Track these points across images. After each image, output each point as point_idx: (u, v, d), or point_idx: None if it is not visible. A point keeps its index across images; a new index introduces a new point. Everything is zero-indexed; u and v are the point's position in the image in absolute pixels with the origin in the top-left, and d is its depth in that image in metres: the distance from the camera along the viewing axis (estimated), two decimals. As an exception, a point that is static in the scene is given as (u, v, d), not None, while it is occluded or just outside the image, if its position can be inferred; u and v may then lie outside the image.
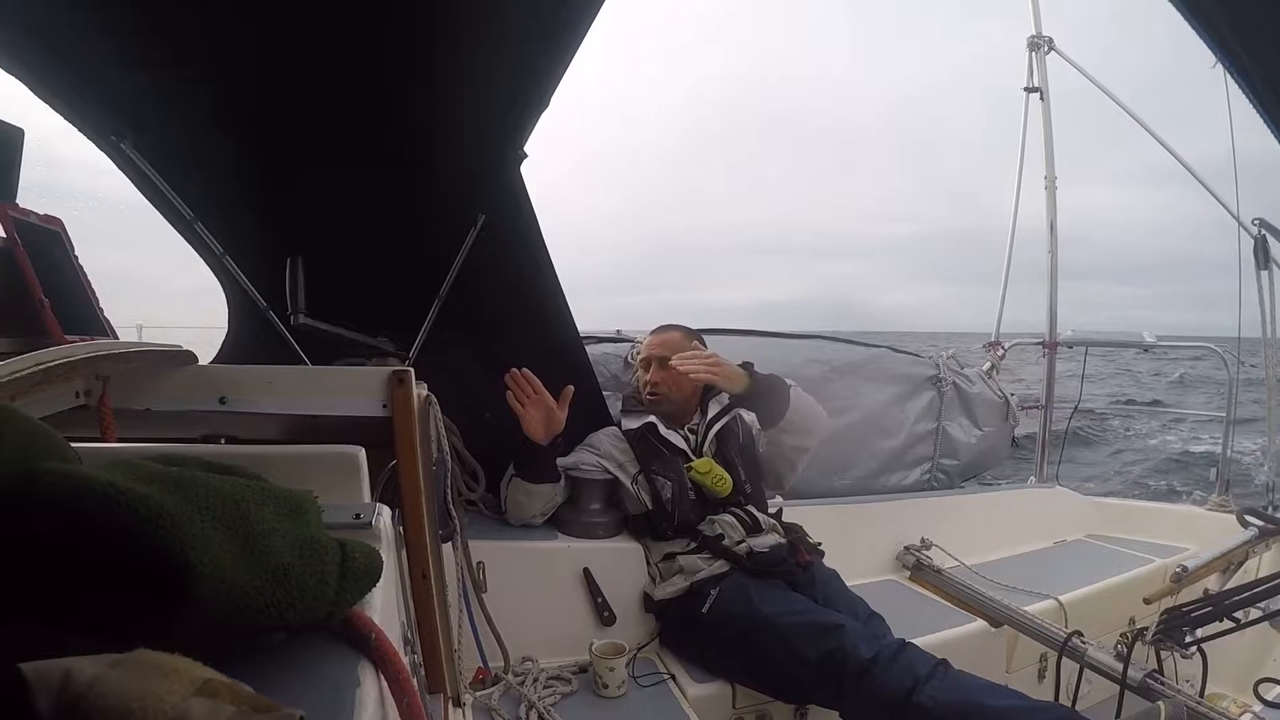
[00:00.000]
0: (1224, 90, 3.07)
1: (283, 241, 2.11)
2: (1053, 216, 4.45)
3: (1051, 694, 2.39)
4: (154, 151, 2.02)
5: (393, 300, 2.47)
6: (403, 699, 0.62)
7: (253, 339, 2.43)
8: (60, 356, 0.87)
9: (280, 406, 1.20)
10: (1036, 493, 4.02)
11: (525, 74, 1.96)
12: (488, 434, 2.53)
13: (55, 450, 0.52)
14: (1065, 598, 2.83)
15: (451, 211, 2.36)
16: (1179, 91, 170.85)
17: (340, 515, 0.77)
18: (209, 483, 0.52)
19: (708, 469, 2.50)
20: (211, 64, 1.86)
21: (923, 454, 3.84)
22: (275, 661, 0.55)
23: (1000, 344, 4.47)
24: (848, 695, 1.96)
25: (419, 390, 1.26)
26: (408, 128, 2.11)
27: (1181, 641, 2.12)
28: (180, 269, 2.85)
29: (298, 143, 2.13)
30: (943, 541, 3.21)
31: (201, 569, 0.44)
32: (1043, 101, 4.50)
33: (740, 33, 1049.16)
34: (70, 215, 1.62)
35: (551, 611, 2.42)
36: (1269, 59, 1.98)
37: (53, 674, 0.33)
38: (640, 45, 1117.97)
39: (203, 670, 0.37)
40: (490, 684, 2.15)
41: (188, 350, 1.20)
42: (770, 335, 3.57)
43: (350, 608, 0.60)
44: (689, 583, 2.37)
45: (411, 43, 1.83)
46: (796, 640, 2.07)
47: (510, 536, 2.50)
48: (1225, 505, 3.66)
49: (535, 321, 2.64)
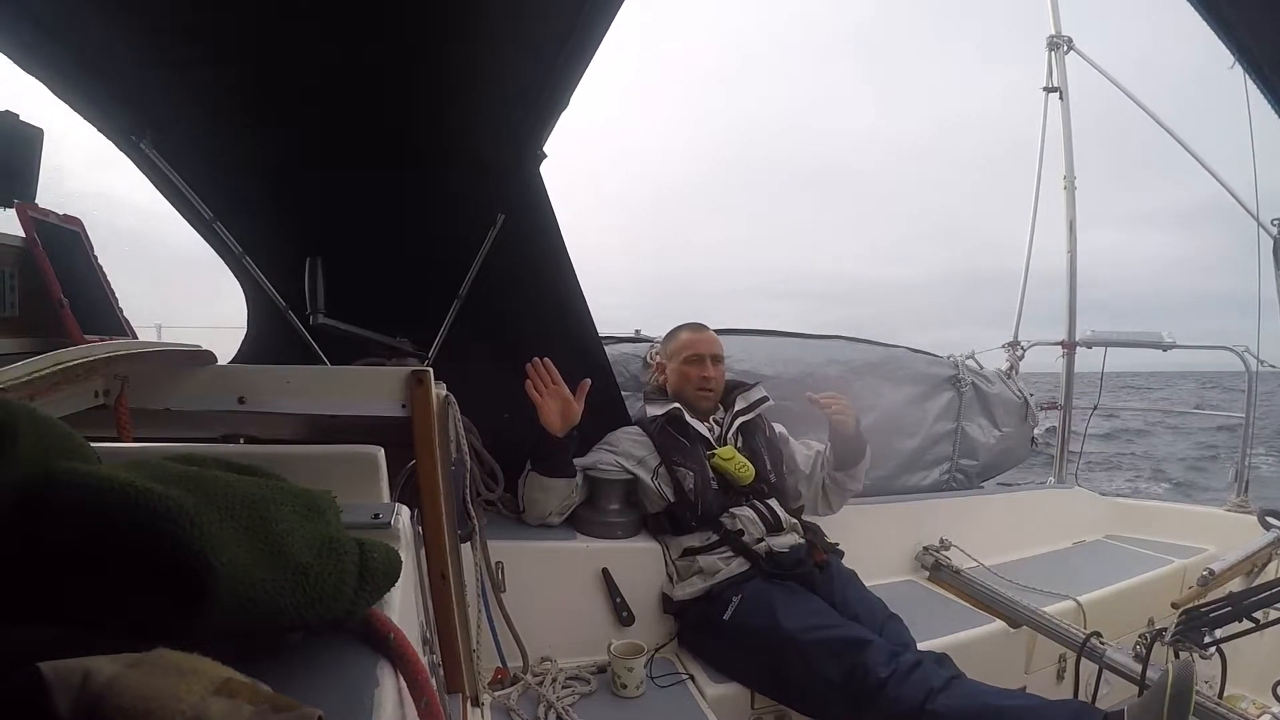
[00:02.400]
0: (1243, 91, 3.06)
1: (302, 241, 2.11)
2: (1072, 216, 4.42)
3: (1070, 694, 2.39)
4: (173, 151, 2.03)
5: (412, 300, 2.47)
6: (421, 699, 0.62)
7: (272, 339, 2.44)
8: (79, 356, 0.87)
9: (299, 406, 1.20)
10: (1055, 493, 4.00)
11: (544, 74, 1.96)
12: (506, 434, 2.53)
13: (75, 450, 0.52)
14: (1084, 598, 2.82)
15: (471, 211, 2.37)
16: (1197, 94, 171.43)
17: (359, 515, 0.77)
18: (228, 483, 0.52)
19: (730, 455, 2.53)
20: (231, 64, 1.86)
21: (942, 454, 3.82)
22: (294, 661, 0.55)
23: (1019, 344, 4.45)
24: (864, 714, 1.97)
25: (438, 390, 1.26)
26: (427, 128, 2.11)
27: (1200, 642, 2.11)
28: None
29: (317, 143, 2.14)
30: (961, 542, 3.20)
31: (221, 569, 0.43)
32: (1062, 101, 4.47)
33: (755, 81, 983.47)
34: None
35: (570, 612, 2.43)
36: None
37: (72, 673, 0.33)
38: (656, 90, 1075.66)
39: (222, 670, 0.37)
40: (509, 684, 2.16)
41: (207, 350, 1.20)
42: (791, 335, 3.55)
43: (369, 608, 0.60)
44: (707, 585, 2.37)
45: (431, 43, 1.83)
46: (819, 658, 2.07)
47: (529, 537, 2.51)
48: (1245, 506, 3.64)
49: (555, 321, 2.65)
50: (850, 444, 2.65)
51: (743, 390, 2.80)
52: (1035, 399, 4.16)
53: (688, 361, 2.76)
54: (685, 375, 2.76)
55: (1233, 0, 1.87)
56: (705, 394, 2.72)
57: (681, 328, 2.86)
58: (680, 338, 2.83)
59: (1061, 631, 2.47)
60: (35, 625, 0.40)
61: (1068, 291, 4.40)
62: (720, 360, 2.77)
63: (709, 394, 2.73)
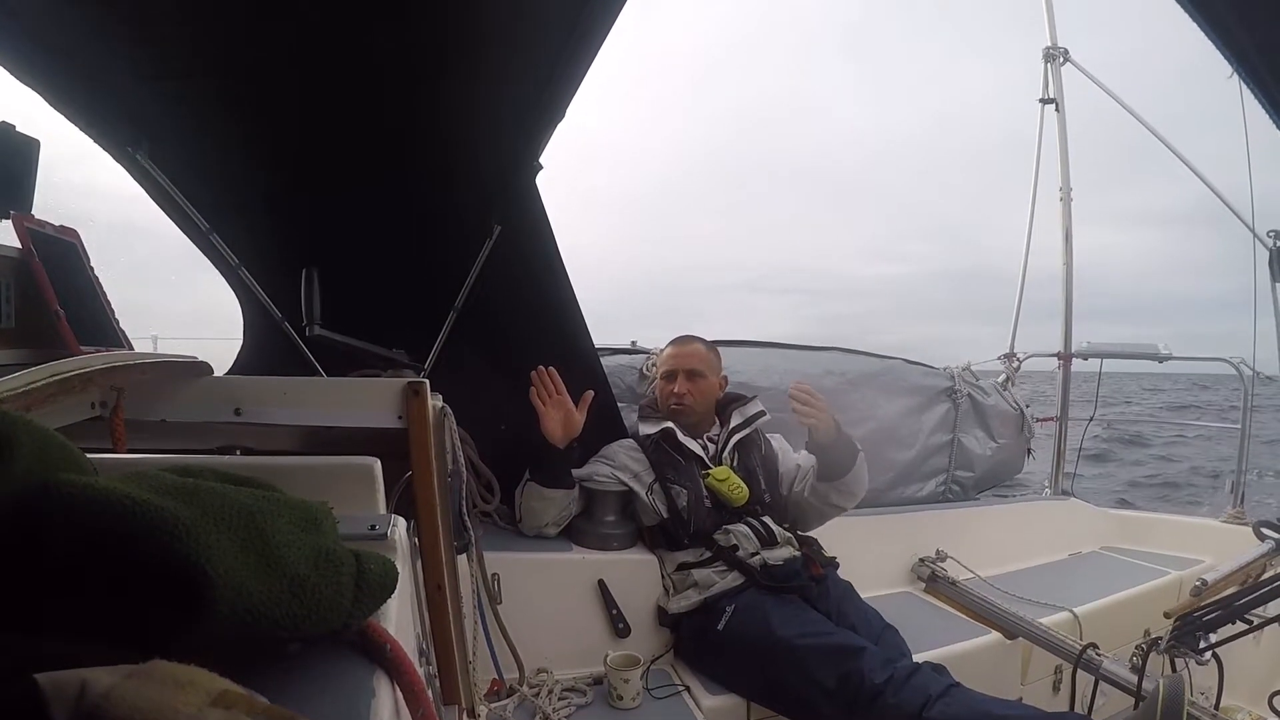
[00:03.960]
0: (1239, 100, 3.07)
1: (298, 253, 2.11)
2: (1068, 226, 4.43)
3: (1067, 706, 2.39)
4: (170, 163, 2.03)
5: (408, 311, 2.48)
6: (417, 710, 0.62)
7: (268, 350, 2.44)
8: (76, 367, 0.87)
9: (295, 418, 1.20)
10: (1051, 505, 4.01)
11: (541, 85, 1.96)
12: (502, 446, 2.53)
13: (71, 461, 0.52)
14: (1080, 610, 2.82)
15: (467, 222, 2.37)
16: (1191, 97, 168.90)
17: (356, 526, 0.77)
18: (225, 494, 0.52)
19: (725, 476, 2.51)
20: (228, 76, 1.87)
21: (938, 466, 3.82)
22: (291, 672, 0.55)
23: (1016, 355, 4.46)
24: None
25: (434, 402, 1.26)
26: (423, 139, 2.11)
27: (1196, 647, 2.11)
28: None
29: (313, 154, 2.14)
30: (958, 553, 3.20)
31: (218, 580, 0.43)
32: (1058, 113, 4.49)
33: (740, 75, 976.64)
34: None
35: (566, 623, 2.42)
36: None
37: (69, 685, 0.33)
38: (638, 87, 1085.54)
39: (219, 681, 0.37)
40: (505, 695, 2.15)
41: (203, 361, 1.20)
42: (787, 347, 3.55)
43: (366, 619, 0.60)
44: (702, 597, 2.37)
45: (427, 55, 1.83)
46: (813, 664, 2.06)
47: (525, 548, 2.51)
48: (1240, 517, 3.65)
49: (551, 332, 2.65)
50: (831, 452, 2.55)
51: (739, 405, 2.78)
52: (1031, 410, 4.17)
53: (663, 377, 2.76)
54: (660, 390, 2.76)
55: (1233, 9, 1.87)
56: (678, 409, 2.69)
57: (671, 342, 2.85)
58: (664, 352, 2.83)
59: (1058, 643, 2.46)
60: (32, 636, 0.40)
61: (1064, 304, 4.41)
62: (698, 375, 2.70)
63: (681, 410, 2.69)
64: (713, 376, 2.76)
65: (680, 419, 2.68)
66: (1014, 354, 4.47)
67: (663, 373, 2.77)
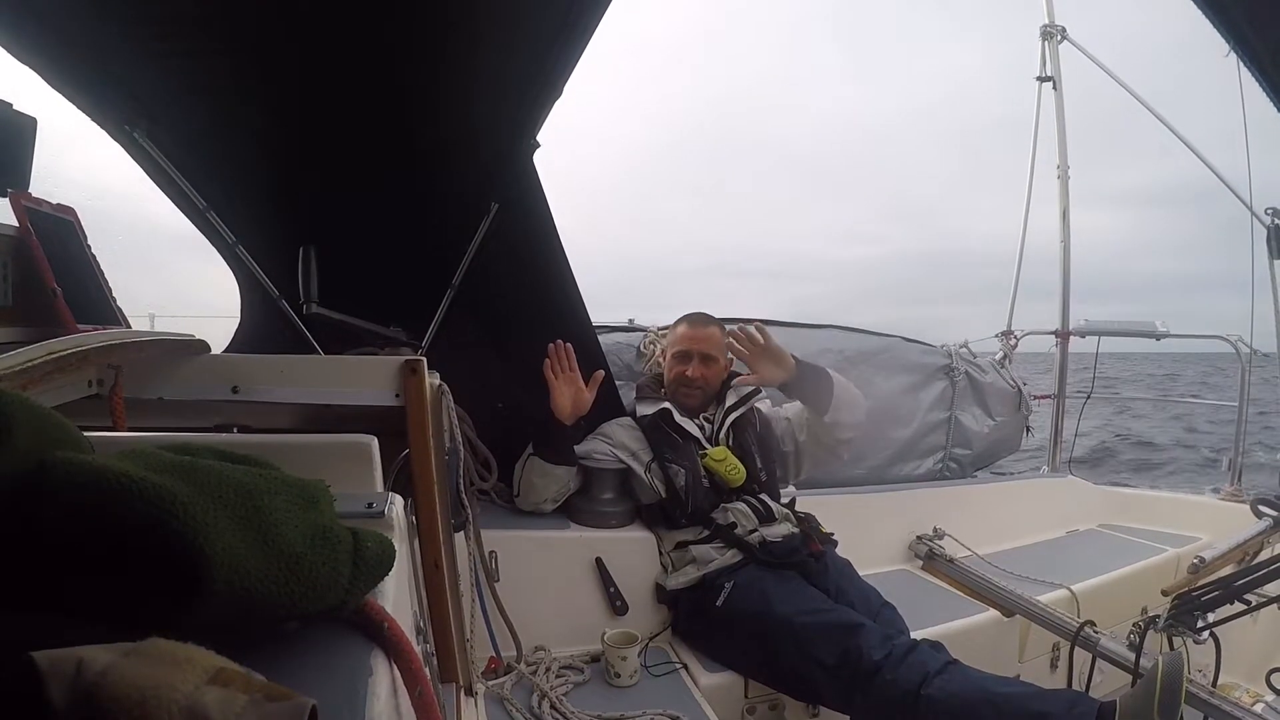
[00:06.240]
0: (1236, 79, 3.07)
1: (296, 231, 2.11)
2: (1065, 205, 4.42)
3: (1064, 683, 2.39)
4: (167, 141, 2.02)
5: (406, 290, 2.47)
6: (415, 688, 0.62)
7: (265, 328, 2.44)
8: (72, 346, 0.87)
9: (293, 396, 1.20)
10: (1049, 482, 4.01)
11: (538, 63, 1.95)
12: (500, 423, 2.53)
13: (68, 439, 0.52)
14: (1078, 587, 2.83)
15: (465, 200, 2.36)
16: (1188, 74, 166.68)
17: (353, 505, 0.77)
18: (222, 472, 0.52)
19: (723, 456, 2.50)
20: (225, 54, 1.86)
21: (935, 443, 3.84)
22: (288, 651, 0.55)
23: (1013, 333, 4.46)
24: (858, 697, 1.97)
25: (431, 380, 1.26)
26: (421, 117, 2.11)
27: (1193, 626, 2.12)
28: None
29: (311, 133, 2.13)
30: (955, 531, 3.21)
31: (215, 558, 0.43)
32: (1055, 91, 4.47)
33: (710, 55, 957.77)
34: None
35: (564, 601, 2.43)
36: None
37: (66, 663, 0.33)
38: (611, 64, 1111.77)
39: (216, 659, 0.37)
40: (503, 673, 2.16)
41: (200, 339, 1.20)
42: (784, 325, 3.55)
43: (363, 597, 0.60)
44: (701, 573, 2.37)
45: (424, 33, 1.82)
46: (812, 641, 2.06)
47: (523, 526, 2.50)
48: (1238, 495, 3.66)
49: (549, 310, 2.64)
50: (802, 386, 2.58)
51: (734, 384, 2.75)
52: (1028, 388, 4.17)
53: (676, 357, 2.73)
54: (671, 370, 2.73)
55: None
56: (687, 392, 2.68)
57: (683, 318, 2.81)
58: (677, 330, 2.79)
59: (1055, 620, 2.47)
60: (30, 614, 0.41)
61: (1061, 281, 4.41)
62: (712, 360, 2.68)
63: (691, 393, 2.68)
64: (723, 360, 2.74)
65: (685, 401, 2.68)
66: (1011, 331, 4.48)
67: (676, 352, 2.73)
